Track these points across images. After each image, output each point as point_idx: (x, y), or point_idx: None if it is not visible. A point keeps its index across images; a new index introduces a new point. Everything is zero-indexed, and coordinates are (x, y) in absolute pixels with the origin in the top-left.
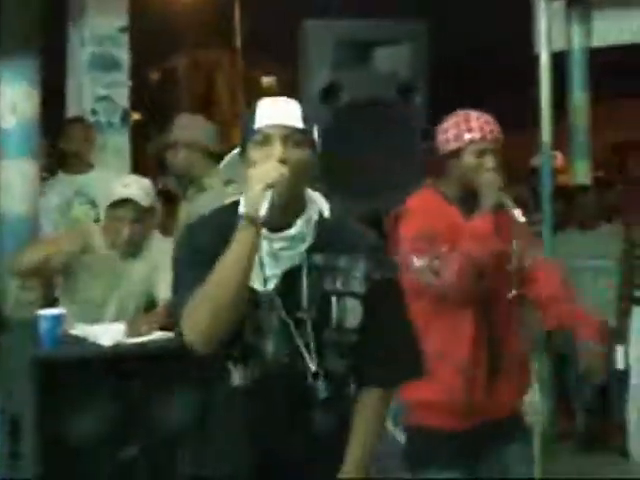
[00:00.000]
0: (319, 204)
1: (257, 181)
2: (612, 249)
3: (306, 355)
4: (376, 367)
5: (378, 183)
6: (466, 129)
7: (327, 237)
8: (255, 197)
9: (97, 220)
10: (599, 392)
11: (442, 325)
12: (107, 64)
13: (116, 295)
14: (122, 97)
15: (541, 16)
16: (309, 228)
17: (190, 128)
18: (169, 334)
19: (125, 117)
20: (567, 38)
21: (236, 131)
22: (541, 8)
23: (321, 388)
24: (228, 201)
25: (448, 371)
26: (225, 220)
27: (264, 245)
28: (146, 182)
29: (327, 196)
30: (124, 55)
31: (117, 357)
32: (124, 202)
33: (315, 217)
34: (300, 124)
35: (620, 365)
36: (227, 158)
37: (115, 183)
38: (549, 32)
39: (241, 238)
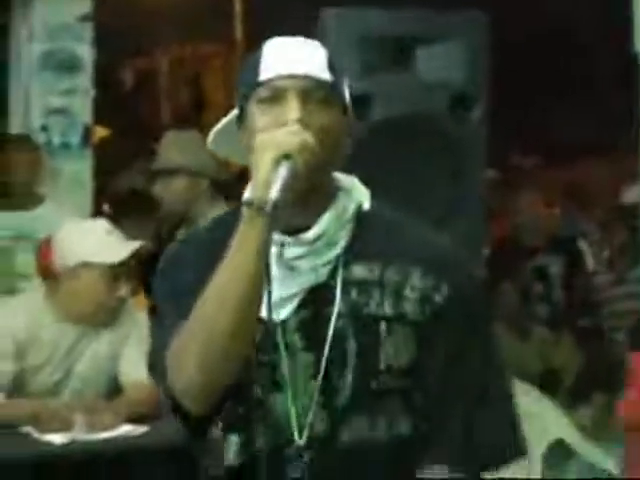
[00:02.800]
0: (355, 193)
1: (268, 148)
2: None
3: (321, 416)
4: (441, 436)
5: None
6: None
7: (369, 239)
8: (264, 171)
9: None
10: None
11: None
12: (63, 64)
13: (72, 379)
14: (83, 109)
15: None
16: (340, 227)
17: (188, 148)
18: (140, 428)
19: (87, 135)
20: None
21: None
22: None
23: (297, 466)
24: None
25: None
26: (228, 228)
27: (272, 253)
28: (109, 228)
29: None
30: (86, 52)
31: (72, 458)
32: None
33: (350, 211)
34: (326, 74)
35: None
36: (219, 125)
37: (68, 234)
38: None
39: (245, 236)
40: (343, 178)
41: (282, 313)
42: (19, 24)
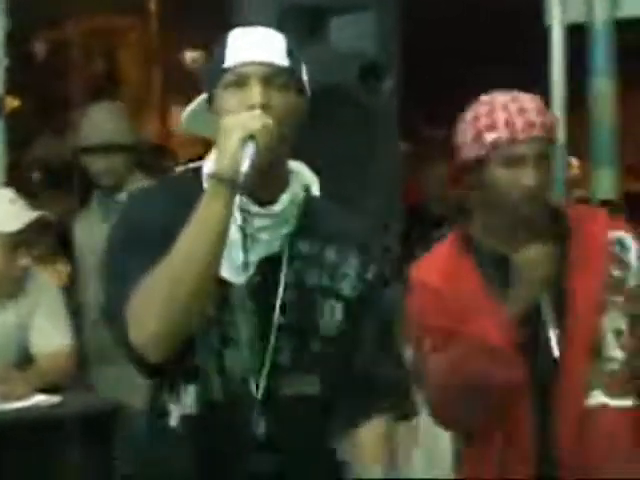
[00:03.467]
0: (305, 178)
1: (234, 129)
2: None
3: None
4: (354, 390)
5: (334, 198)
6: (489, 125)
7: (314, 220)
8: (232, 149)
9: None
10: None
11: None
12: None
13: None
14: None
15: None
16: (294, 207)
17: (119, 122)
18: (52, 398)
19: None
20: (588, 7)
21: (149, 120)
22: None
23: (260, 425)
24: (189, 166)
25: None
26: (185, 188)
27: (239, 221)
28: (13, 197)
29: None
30: None
31: None
32: None
33: (300, 195)
34: (285, 61)
35: None
36: (190, 107)
37: None
38: None
39: (210, 203)
40: (295, 164)
41: (241, 276)
42: None
